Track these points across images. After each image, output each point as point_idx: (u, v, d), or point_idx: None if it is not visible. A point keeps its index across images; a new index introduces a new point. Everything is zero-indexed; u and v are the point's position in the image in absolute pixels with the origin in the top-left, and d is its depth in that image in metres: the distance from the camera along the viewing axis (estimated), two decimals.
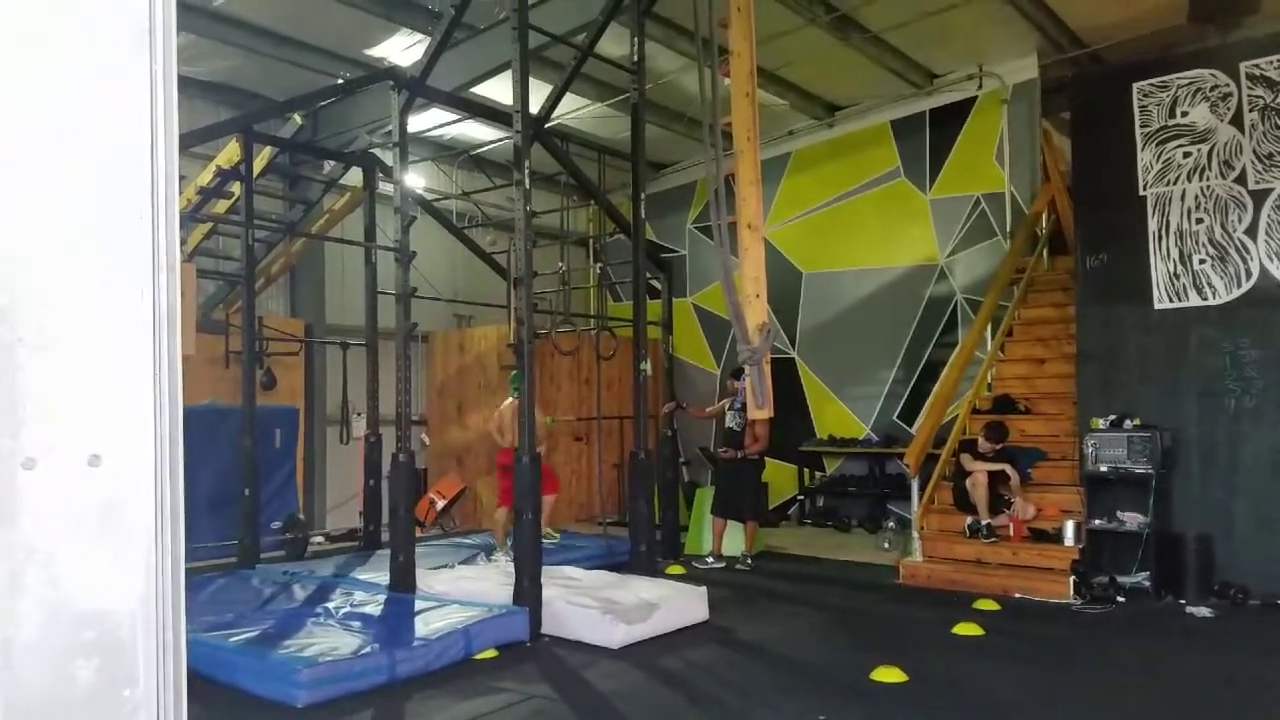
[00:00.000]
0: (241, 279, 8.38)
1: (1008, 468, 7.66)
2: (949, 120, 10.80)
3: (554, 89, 7.71)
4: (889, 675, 4.80)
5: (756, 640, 5.81)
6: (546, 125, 8.20)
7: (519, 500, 5.89)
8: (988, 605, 6.59)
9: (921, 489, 7.86)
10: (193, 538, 8.49)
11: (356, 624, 5.49)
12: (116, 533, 1.46)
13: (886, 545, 8.93)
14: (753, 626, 6.13)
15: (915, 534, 7.72)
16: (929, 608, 6.64)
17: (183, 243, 8.96)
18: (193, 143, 7.88)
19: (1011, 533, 7.53)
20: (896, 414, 10.92)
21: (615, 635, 5.45)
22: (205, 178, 8.40)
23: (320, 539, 10.01)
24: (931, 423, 8.20)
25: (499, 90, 8.72)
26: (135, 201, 1.51)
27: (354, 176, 9.50)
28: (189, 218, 8.24)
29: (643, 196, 7.20)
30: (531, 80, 6.44)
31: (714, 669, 5.16)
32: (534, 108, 7.12)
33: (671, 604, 5.93)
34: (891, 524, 9.54)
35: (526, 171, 6.07)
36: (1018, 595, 6.94)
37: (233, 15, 8.20)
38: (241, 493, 8.04)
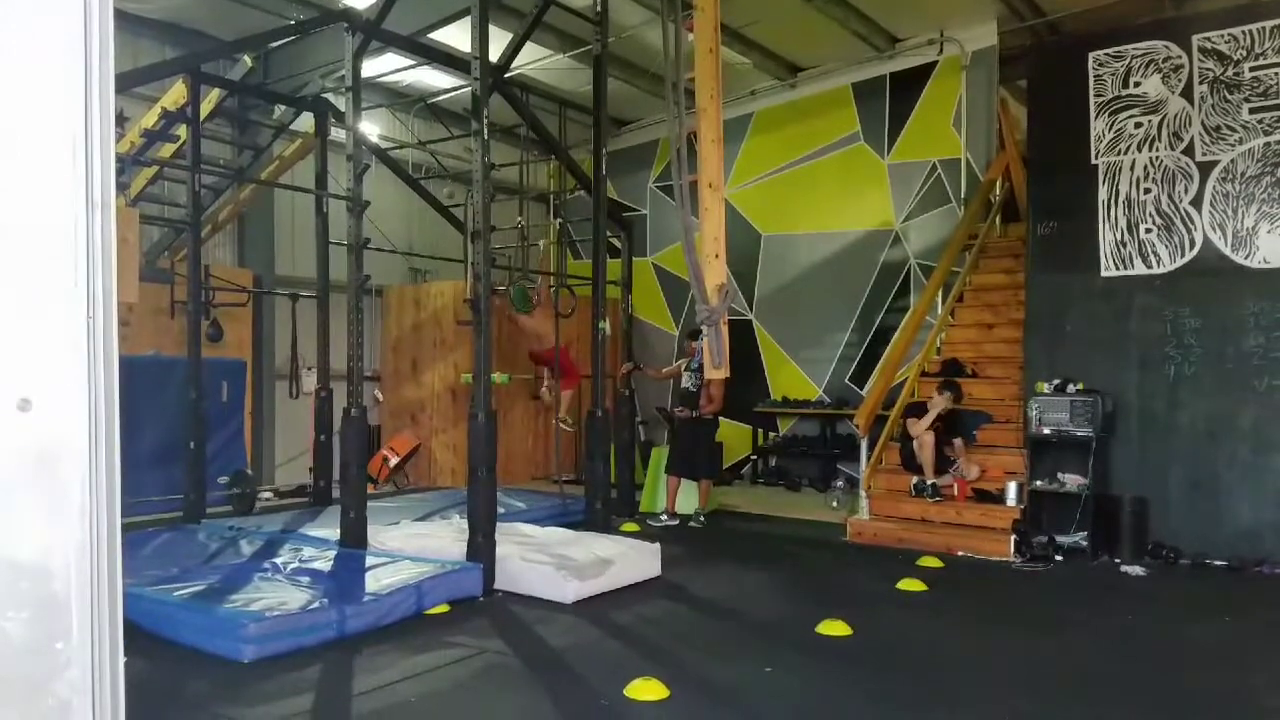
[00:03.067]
0: (187, 226, 8.14)
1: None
2: (909, 85, 10.82)
3: (515, 37, 7.54)
4: (834, 629, 4.91)
5: (708, 595, 5.90)
6: (507, 75, 8.03)
7: (473, 458, 5.85)
8: (931, 562, 6.76)
9: (870, 449, 7.99)
10: (137, 492, 8.31)
11: (305, 579, 5.44)
12: (50, 480, 1.41)
13: (835, 504, 9.10)
14: (705, 582, 6.22)
15: (863, 493, 7.87)
16: (875, 564, 6.80)
17: (127, 187, 8.70)
18: (137, 82, 7.57)
19: (956, 493, 7.71)
20: (848, 376, 11.06)
21: (569, 591, 5.48)
22: (150, 120, 8.08)
23: (269, 495, 9.87)
24: (881, 385, 8.33)
25: (458, 37, 8.49)
26: (66, 134, 1.43)
27: (306, 122, 9.23)
28: (133, 161, 7.94)
29: (604, 151, 7.11)
30: (491, 28, 6.29)
31: (666, 623, 5.23)
32: (494, 56, 6.96)
33: (625, 560, 5.98)
34: (841, 483, 9.70)
35: (485, 121, 5.94)
36: (961, 553, 7.13)
37: None
38: (187, 446, 7.87)
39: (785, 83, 11.57)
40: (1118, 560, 6.97)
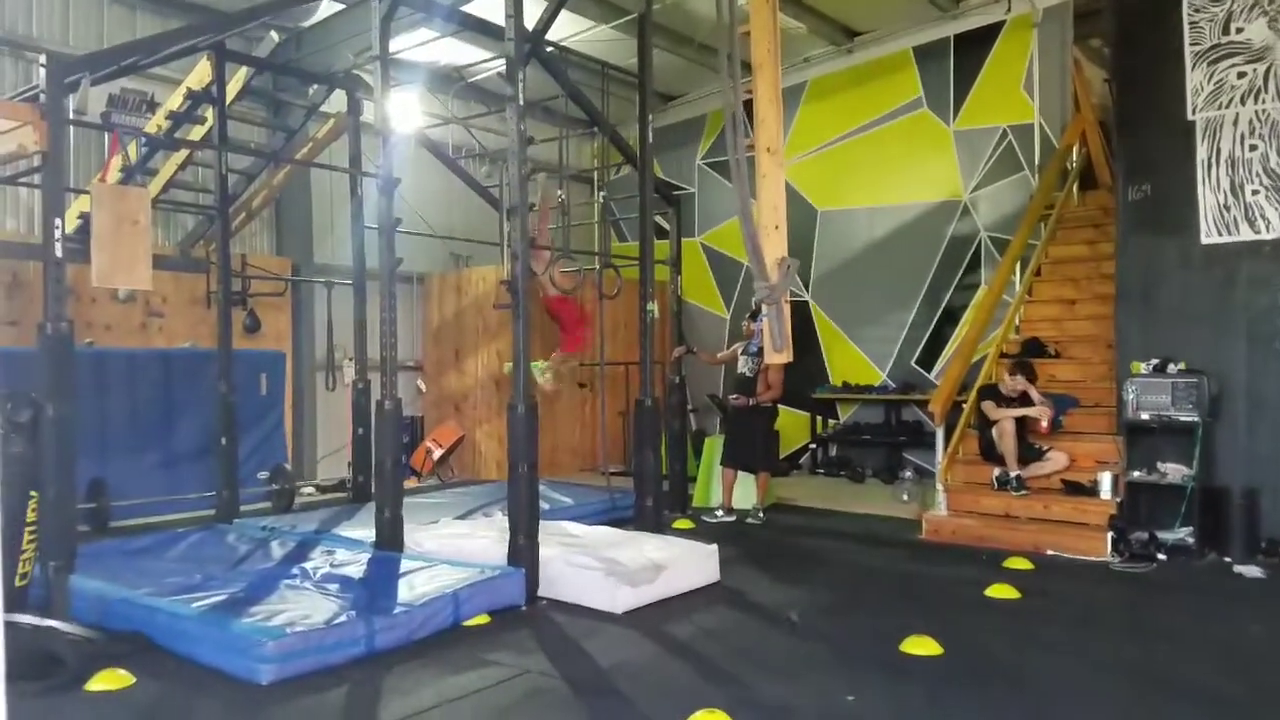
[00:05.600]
0: (216, 212, 7.80)
1: (1032, 410, 7.14)
2: (975, 46, 10.12)
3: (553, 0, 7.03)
4: (921, 646, 4.32)
5: (773, 604, 5.32)
6: (546, 47, 7.54)
7: (512, 453, 5.37)
8: (1020, 564, 6.12)
9: (946, 438, 7.33)
10: (172, 489, 8.05)
11: (334, 587, 5.01)
12: None
13: (906, 497, 8.48)
14: (768, 588, 5.66)
15: (940, 486, 7.21)
16: (957, 566, 6.18)
17: (154, 172, 8.38)
18: (152, 58, 7.14)
19: (1048, 472, 7.08)
20: (914, 359, 10.39)
21: (619, 599, 4.98)
22: (176, 101, 7.72)
23: (310, 490, 9.57)
24: (958, 368, 7.64)
25: (493, 12, 8.01)
26: None
27: (341, 103, 8.83)
28: (147, 142, 7.58)
29: (650, 117, 6.56)
30: None
31: (727, 637, 4.69)
32: (530, 25, 6.46)
33: (680, 564, 5.45)
34: (910, 474, 9.06)
35: (520, 86, 5.43)
36: (1050, 552, 6.47)
37: None
38: (219, 442, 7.54)
39: (841, 48, 10.91)
40: (1228, 559, 6.24)
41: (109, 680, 3.93)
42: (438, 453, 10.61)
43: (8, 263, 7.77)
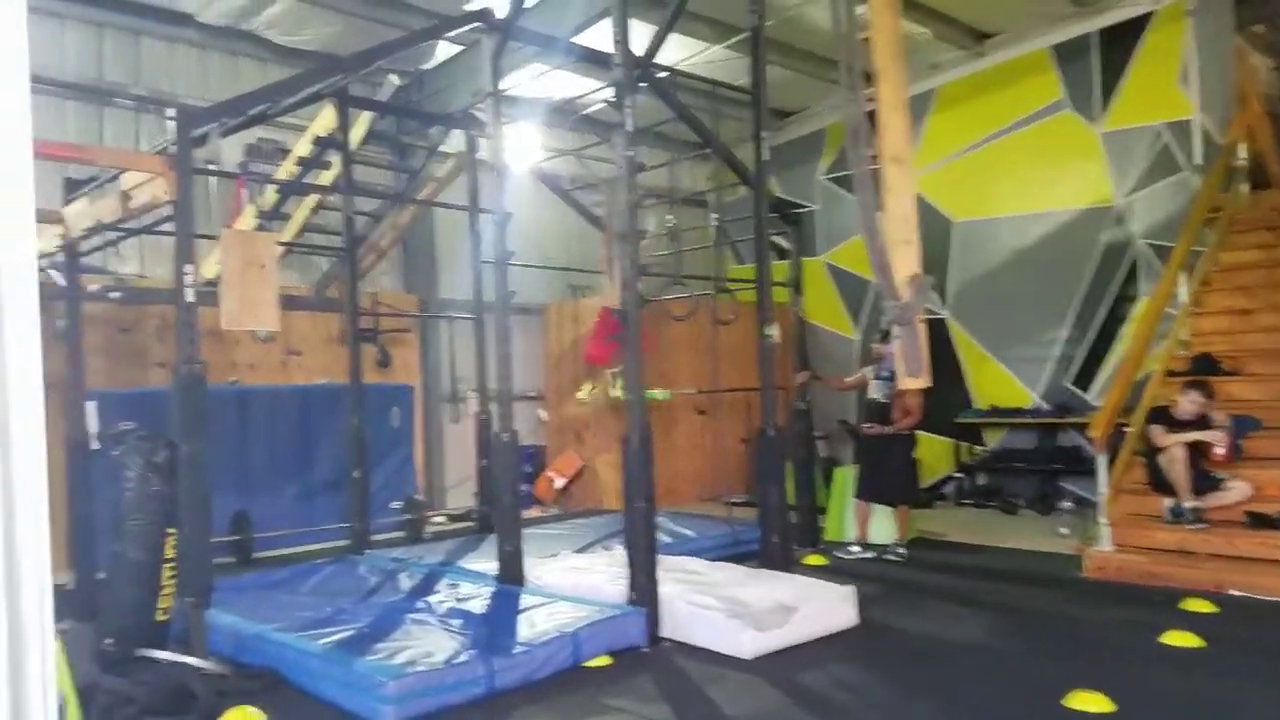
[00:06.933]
0: (344, 253, 8.03)
1: (1206, 434, 6.40)
2: (1122, 40, 9.39)
3: (662, 24, 6.90)
4: (1090, 702, 3.82)
5: (917, 651, 4.90)
6: (656, 70, 7.42)
7: (628, 488, 5.19)
8: (1200, 606, 5.42)
9: (1109, 465, 6.65)
10: (310, 520, 8.30)
11: (457, 623, 4.95)
12: None
13: (1064, 531, 7.77)
14: (911, 633, 5.21)
15: (1103, 518, 6.53)
16: (1125, 608, 5.54)
17: (287, 217, 8.76)
18: (276, 107, 7.45)
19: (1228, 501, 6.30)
20: (1070, 379, 9.62)
21: (745, 644, 4.68)
22: (304, 148, 8.04)
23: (440, 519, 9.71)
24: (1120, 388, 6.94)
25: (604, 41, 7.99)
26: None
27: (462, 142, 9.01)
28: (287, 189, 7.90)
29: (765, 135, 6.32)
30: (638, 23, 5.70)
31: (866, 689, 4.31)
32: (640, 51, 6.35)
33: (811, 606, 5.08)
34: (1068, 505, 8.32)
35: (628, 112, 5.30)
36: (1236, 593, 5.72)
37: None
38: (351, 475, 7.70)
39: (971, 52, 10.35)
40: None
41: (239, 718, 3.94)
42: (560, 482, 10.60)
43: (157, 307, 8.24)
